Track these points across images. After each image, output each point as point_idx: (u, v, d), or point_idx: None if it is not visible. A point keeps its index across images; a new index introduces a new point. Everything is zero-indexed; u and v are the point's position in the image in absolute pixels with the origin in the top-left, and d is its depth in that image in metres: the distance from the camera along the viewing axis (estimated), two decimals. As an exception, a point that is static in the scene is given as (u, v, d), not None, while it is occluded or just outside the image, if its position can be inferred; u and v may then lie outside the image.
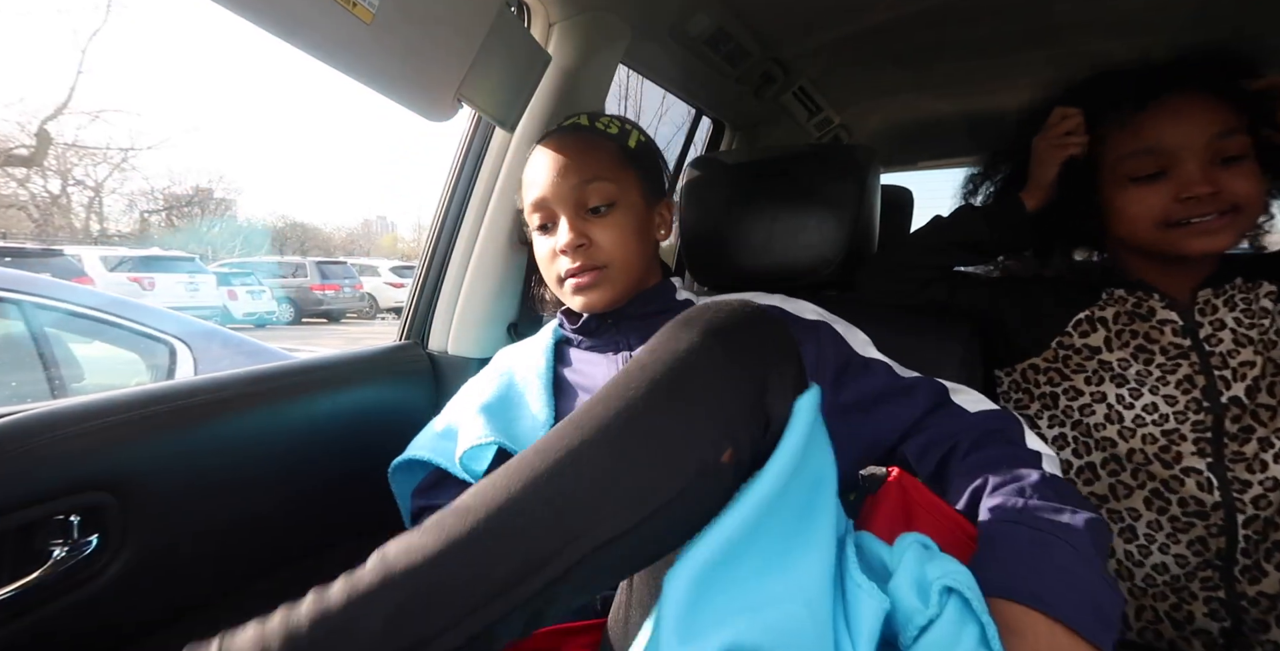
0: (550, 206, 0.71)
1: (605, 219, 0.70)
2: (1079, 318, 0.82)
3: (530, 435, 0.66)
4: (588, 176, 0.70)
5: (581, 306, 0.72)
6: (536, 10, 0.97)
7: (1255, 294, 0.76)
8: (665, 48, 1.14)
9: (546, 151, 0.73)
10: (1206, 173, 0.70)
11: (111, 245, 12.58)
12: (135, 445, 0.64)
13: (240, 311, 9.87)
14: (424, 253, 1.06)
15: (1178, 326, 0.77)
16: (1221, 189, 0.70)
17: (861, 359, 0.68)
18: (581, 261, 0.70)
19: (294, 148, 49.86)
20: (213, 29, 48.49)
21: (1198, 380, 0.75)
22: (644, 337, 0.66)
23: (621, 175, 0.72)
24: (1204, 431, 0.74)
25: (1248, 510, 0.72)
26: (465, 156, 1.03)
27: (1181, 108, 0.71)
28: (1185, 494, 0.74)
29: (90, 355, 1.74)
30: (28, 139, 13.99)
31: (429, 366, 1.01)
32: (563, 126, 0.77)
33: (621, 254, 0.71)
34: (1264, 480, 0.72)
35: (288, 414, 0.79)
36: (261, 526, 0.75)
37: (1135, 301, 0.80)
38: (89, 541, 0.60)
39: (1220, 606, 0.73)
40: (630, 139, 0.76)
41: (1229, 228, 0.71)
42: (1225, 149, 0.70)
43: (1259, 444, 0.72)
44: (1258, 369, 0.73)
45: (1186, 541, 0.74)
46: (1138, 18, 1.20)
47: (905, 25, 1.24)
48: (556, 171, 0.70)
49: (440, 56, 0.75)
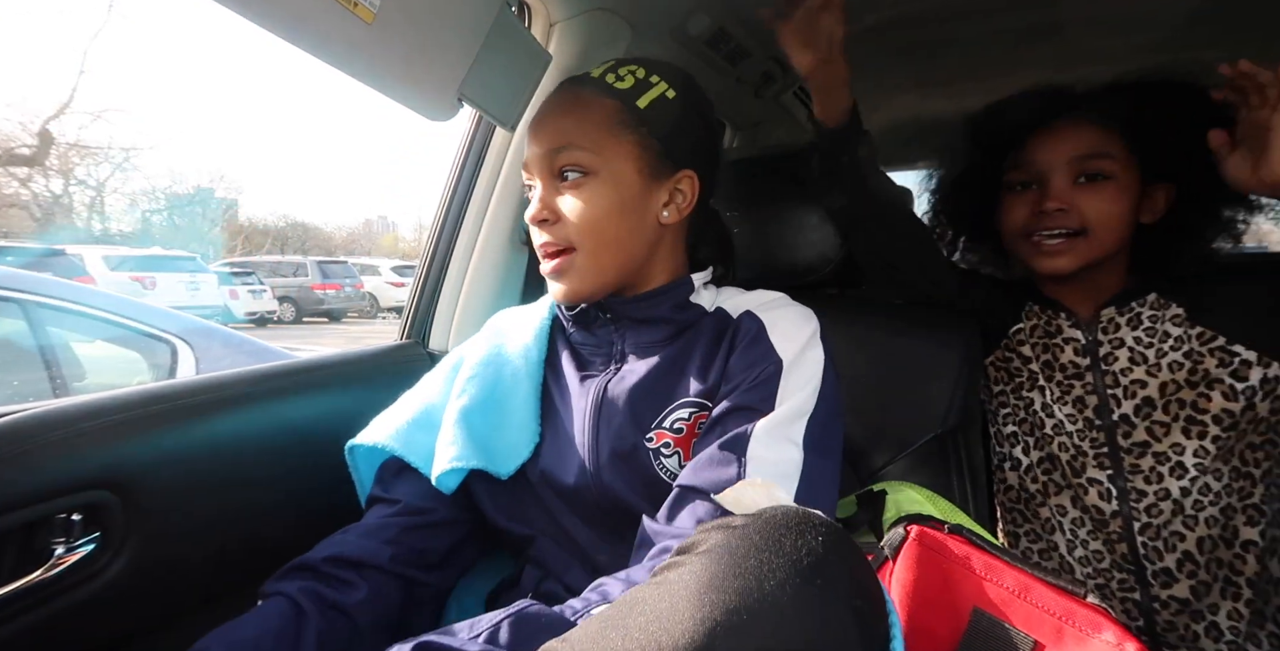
0: (530, 170, 0.64)
1: (576, 190, 0.61)
2: (1017, 328, 0.88)
3: (510, 455, 0.63)
4: (560, 142, 0.61)
5: (556, 295, 0.63)
6: (537, 10, 0.97)
7: (1163, 313, 0.80)
8: (665, 47, 1.14)
9: (539, 108, 0.65)
10: (1063, 190, 0.77)
11: (113, 244, 12.60)
12: (136, 444, 0.64)
13: (241, 310, 9.88)
14: (425, 252, 1.06)
15: (1079, 345, 0.83)
16: (1073, 207, 0.77)
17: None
18: (547, 237, 0.62)
19: (295, 148, 49.98)
20: (214, 29, 48.62)
21: (1089, 401, 0.81)
22: (638, 347, 0.64)
23: (608, 141, 0.61)
24: (1100, 447, 0.80)
25: (1142, 518, 0.78)
26: (466, 156, 1.03)
27: (1059, 129, 0.79)
28: (1088, 502, 0.80)
29: (92, 354, 1.74)
30: (30, 138, 14.01)
31: (430, 366, 1.01)
32: (574, 77, 0.68)
33: (591, 235, 0.60)
34: (1157, 490, 0.77)
35: (289, 413, 0.79)
36: (263, 525, 0.75)
37: (1046, 318, 0.86)
38: (90, 540, 0.60)
39: (1134, 606, 0.79)
40: (645, 96, 0.63)
41: (1071, 251, 0.77)
42: (1087, 168, 0.77)
43: (1154, 458, 0.78)
44: (1150, 388, 0.78)
45: (1100, 541, 0.81)
46: (1137, 15, 1.20)
47: (905, 24, 1.23)
48: (537, 133, 0.63)
49: (441, 56, 0.76)
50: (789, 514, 0.37)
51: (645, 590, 0.36)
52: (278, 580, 0.56)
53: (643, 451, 0.59)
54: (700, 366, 0.61)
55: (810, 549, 0.35)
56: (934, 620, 0.50)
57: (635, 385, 0.62)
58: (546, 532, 0.63)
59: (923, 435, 0.85)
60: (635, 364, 0.64)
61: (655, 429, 0.60)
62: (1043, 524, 0.86)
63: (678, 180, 0.64)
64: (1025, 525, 0.89)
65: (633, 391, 0.62)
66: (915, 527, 0.54)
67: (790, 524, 0.36)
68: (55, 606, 0.58)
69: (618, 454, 0.60)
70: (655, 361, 0.63)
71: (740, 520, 0.38)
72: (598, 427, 0.62)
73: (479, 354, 0.69)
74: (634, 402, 0.61)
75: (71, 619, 0.59)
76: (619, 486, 0.60)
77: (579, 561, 0.62)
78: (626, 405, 0.61)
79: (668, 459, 0.59)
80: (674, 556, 0.38)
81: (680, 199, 0.65)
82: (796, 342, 0.59)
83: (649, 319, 0.64)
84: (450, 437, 0.62)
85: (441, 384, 0.70)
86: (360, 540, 0.60)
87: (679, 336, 0.64)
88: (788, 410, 0.55)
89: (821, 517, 0.38)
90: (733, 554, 0.35)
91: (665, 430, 0.60)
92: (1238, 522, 0.76)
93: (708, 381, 0.60)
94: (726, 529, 0.37)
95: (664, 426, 0.60)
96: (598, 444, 0.61)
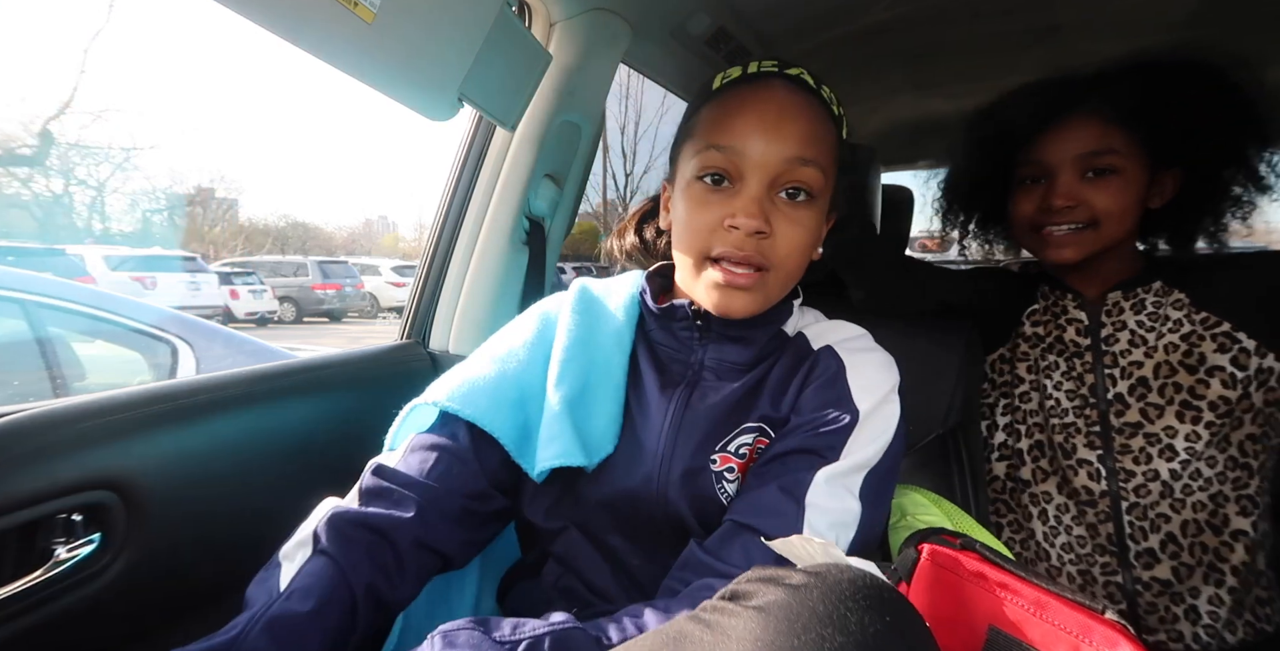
0: (741, 164, 0.56)
1: (797, 212, 0.57)
2: (1032, 308, 0.90)
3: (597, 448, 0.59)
4: (809, 154, 0.56)
5: (719, 306, 0.58)
6: (537, 10, 0.97)
7: (1166, 299, 0.81)
8: (666, 47, 1.14)
9: (769, 97, 0.57)
10: (1071, 187, 0.78)
11: (114, 244, 12.60)
12: (137, 444, 0.64)
13: (242, 310, 9.88)
14: (425, 252, 1.06)
15: (1081, 326, 0.85)
16: (1082, 202, 0.77)
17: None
18: (751, 252, 0.56)
19: (296, 147, 49.89)
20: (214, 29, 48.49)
21: (1086, 379, 0.83)
22: (720, 363, 0.62)
23: (832, 169, 0.59)
24: (1093, 425, 0.81)
25: (1130, 497, 0.79)
26: (466, 156, 1.03)
27: (1065, 127, 0.79)
28: (1078, 484, 0.82)
29: (92, 354, 1.74)
30: (31, 138, 14.01)
31: (430, 365, 1.01)
32: (786, 73, 0.60)
33: (793, 261, 0.58)
34: (1146, 471, 0.78)
35: (290, 413, 0.79)
36: (264, 525, 0.75)
37: (1055, 298, 0.88)
38: (91, 540, 0.60)
39: (1117, 590, 0.80)
40: (844, 129, 0.62)
41: (1079, 243, 0.79)
42: (1093, 164, 0.77)
43: (1145, 439, 0.79)
44: (1146, 369, 0.80)
45: (1085, 525, 0.81)
46: (1136, 17, 1.20)
47: (905, 24, 1.24)
48: (777, 130, 0.56)
49: (441, 56, 0.76)
50: (855, 581, 0.35)
51: (693, 628, 0.35)
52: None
53: (708, 472, 0.58)
54: (774, 393, 0.60)
55: (878, 630, 0.32)
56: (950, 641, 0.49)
57: (716, 403, 0.60)
58: (581, 528, 0.61)
59: (924, 436, 0.85)
60: (717, 381, 0.62)
61: (720, 451, 0.58)
62: (1024, 512, 0.87)
63: (830, 221, 0.64)
64: (1009, 515, 0.90)
65: (713, 409, 0.60)
66: (926, 546, 0.53)
67: (856, 595, 0.34)
68: (56, 606, 0.58)
69: (689, 471, 0.58)
70: (737, 384, 0.61)
71: (799, 578, 0.35)
72: (676, 440, 0.59)
73: (571, 329, 0.64)
74: (713, 421, 0.59)
75: (72, 619, 0.59)
76: (681, 503, 0.57)
77: (610, 563, 0.60)
78: (706, 422, 0.59)
79: (730, 484, 0.57)
80: (723, 600, 0.36)
81: (822, 235, 0.63)
82: (875, 395, 0.57)
83: (742, 338, 0.62)
84: (555, 431, 0.58)
85: (526, 352, 0.63)
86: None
87: (762, 361, 0.63)
88: (853, 462, 0.53)
89: (889, 590, 0.35)
90: (792, 620, 0.33)
91: (730, 454, 0.58)
92: (1229, 511, 0.77)
93: (777, 410, 0.59)
94: (784, 586, 0.35)
95: (729, 450, 0.58)
96: (673, 457, 0.58)
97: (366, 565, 0.51)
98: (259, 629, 0.44)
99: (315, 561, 0.50)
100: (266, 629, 0.44)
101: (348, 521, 0.53)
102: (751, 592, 0.35)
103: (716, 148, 0.57)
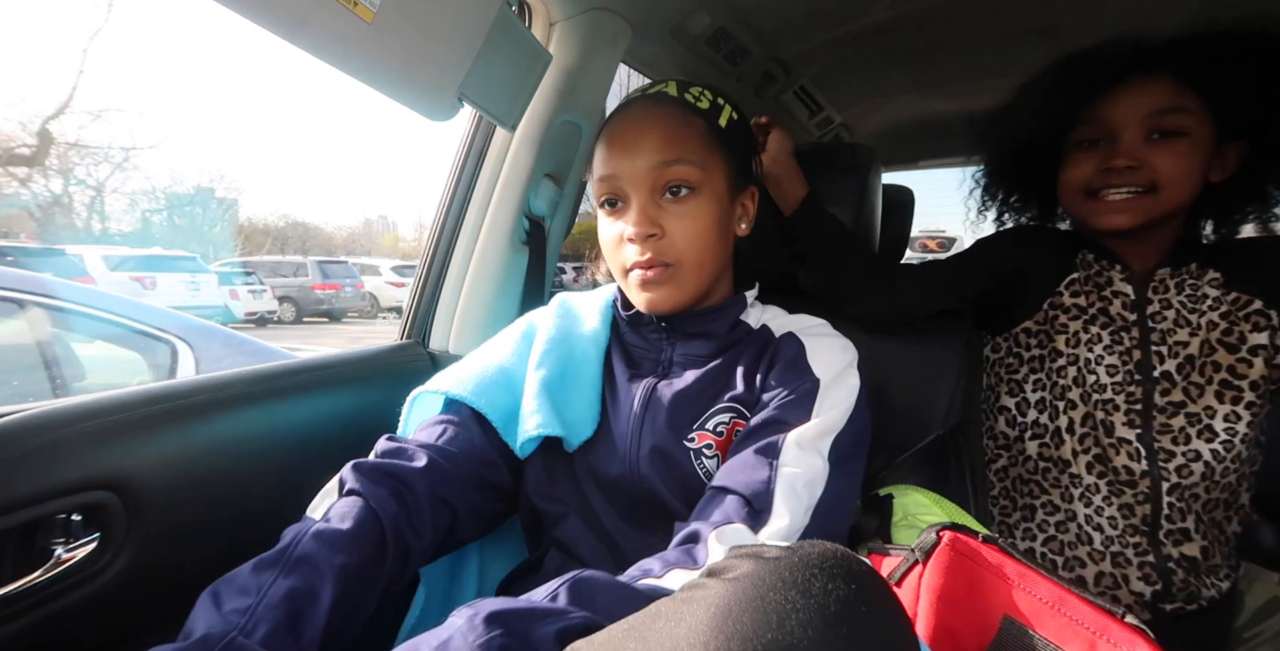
0: (621, 185, 0.64)
1: (682, 207, 0.63)
2: (1072, 277, 0.86)
3: (579, 430, 0.66)
4: (671, 157, 0.62)
5: (646, 305, 0.65)
6: (537, 9, 0.97)
7: (1201, 280, 0.80)
8: (666, 47, 1.14)
9: (626, 121, 0.65)
10: (1135, 147, 0.75)
11: (113, 244, 12.60)
12: (137, 444, 0.64)
13: (242, 310, 9.88)
14: (425, 252, 1.06)
15: (1128, 300, 0.82)
16: (1144, 164, 0.74)
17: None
18: (651, 254, 0.63)
19: (296, 147, 49.95)
20: (214, 29, 48.45)
21: (1134, 354, 0.80)
22: (687, 357, 0.68)
23: (708, 159, 0.64)
24: (1135, 403, 0.79)
25: (1171, 478, 0.77)
26: (466, 156, 1.03)
27: (1135, 84, 0.76)
28: (1117, 463, 0.79)
29: (91, 354, 1.74)
30: (30, 138, 14.01)
31: (430, 366, 1.01)
32: (647, 94, 0.67)
33: (695, 251, 0.64)
34: (1186, 452, 0.77)
35: (289, 413, 0.79)
36: (263, 525, 0.75)
37: (1099, 269, 0.85)
38: (90, 540, 0.60)
39: (1151, 570, 0.78)
40: (722, 116, 0.67)
41: (1137, 209, 0.76)
42: (1161, 124, 0.74)
43: (1186, 419, 0.78)
44: (1192, 348, 0.78)
45: (1118, 505, 0.80)
46: (1137, 16, 1.20)
47: (906, 24, 1.24)
48: (636, 146, 0.63)
49: (441, 56, 0.75)
50: (826, 553, 0.35)
51: (670, 605, 0.36)
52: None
53: (682, 450, 0.63)
54: (743, 378, 0.65)
55: (841, 595, 0.33)
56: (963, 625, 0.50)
57: (683, 389, 0.65)
58: (579, 513, 0.65)
59: (924, 436, 0.85)
60: (683, 372, 0.67)
61: (698, 430, 0.63)
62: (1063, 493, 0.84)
63: (745, 197, 0.70)
64: (1042, 497, 0.85)
65: (679, 395, 0.65)
66: (949, 533, 0.53)
67: (826, 565, 0.34)
68: (55, 606, 0.58)
69: (657, 450, 0.63)
70: (702, 371, 0.66)
71: (775, 551, 0.36)
72: (643, 424, 0.65)
73: (551, 329, 0.72)
74: (679, 405, 0.65)
75: (72, 619, 0.59)
76: (655, 480, 0.62)
77: (606, 546, 0.64)
78: (671, 406, 0.65)
79: (709, 460, 0.62)
80: (704, 577, 0.37)
81: (747, 215, 0.70)
82: (834, 368, 0.62)
83: (704, 333, 0.68)
84: (534, 406, 0.65)
85: (512, 348, 0.71)
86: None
87: (726, 351, 0.68)
88: (819, 425, 0.57)
89: (860, 563, 0.36)
90: (758, 586, 0.33)
91: (708, 432, 0.63)
92: (1242, 488, 0.79)
93: (748, 392, 0.64)
94: (759, 559, 0.36)
95: (706, 428, 0.63)
96: (640, 439, 0.64)
97: (392, 503, 0.55)
98: (308, 537, 0.50)
99: (346, 499, 0.55)
100: (315, 537, 0.50)
101: (370, 467, 0.57)
102: (730, 567, 0.37)
103: (602, 178, 0.65)
